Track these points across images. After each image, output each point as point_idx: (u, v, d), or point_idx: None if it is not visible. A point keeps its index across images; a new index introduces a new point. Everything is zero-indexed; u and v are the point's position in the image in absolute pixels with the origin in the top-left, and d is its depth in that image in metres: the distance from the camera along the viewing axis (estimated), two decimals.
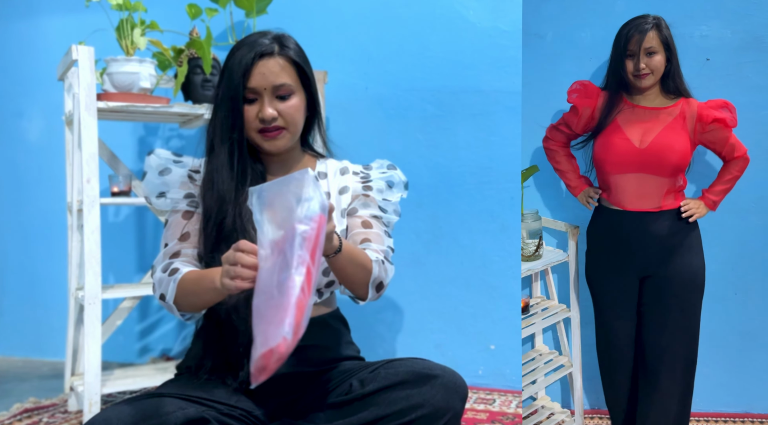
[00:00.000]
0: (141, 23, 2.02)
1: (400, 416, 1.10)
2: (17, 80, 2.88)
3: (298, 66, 1.26)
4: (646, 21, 1.78)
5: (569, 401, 2.19)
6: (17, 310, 2.92)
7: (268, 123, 1.22)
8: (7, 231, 2.94)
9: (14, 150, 2.91)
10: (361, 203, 1.34)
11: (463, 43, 2.34)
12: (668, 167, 1.75)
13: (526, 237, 2.01)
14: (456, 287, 2.36)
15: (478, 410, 2.11)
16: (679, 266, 1.79)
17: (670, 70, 1.80)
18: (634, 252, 1.81)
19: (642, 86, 1.80)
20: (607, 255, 1.88)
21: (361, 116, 2.44)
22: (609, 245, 1.87)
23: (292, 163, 1.34)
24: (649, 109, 1.81)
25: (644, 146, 1.75)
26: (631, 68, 1.78)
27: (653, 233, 1.79)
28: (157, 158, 1.29)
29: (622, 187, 1.80)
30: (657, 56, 1.77)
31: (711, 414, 2.16)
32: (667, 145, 1.74)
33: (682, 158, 1.75)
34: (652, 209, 1.79)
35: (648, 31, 1.76)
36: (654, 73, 1.78)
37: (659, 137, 1.76)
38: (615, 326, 1.89)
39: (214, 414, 1.11)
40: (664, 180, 1.76)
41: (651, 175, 1.76)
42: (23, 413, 2.11)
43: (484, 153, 2.32)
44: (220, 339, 1.22)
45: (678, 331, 1.80)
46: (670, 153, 1.74)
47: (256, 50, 1.21)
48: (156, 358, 2.68)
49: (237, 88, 1.20)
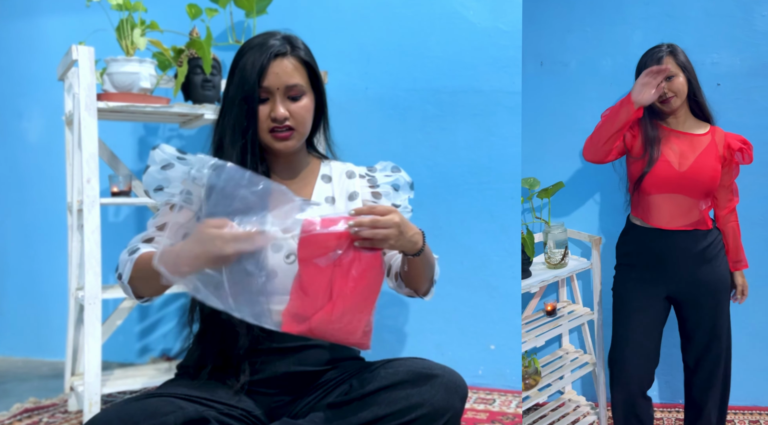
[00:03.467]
0: (141, 23, 2.02)
1: (400, 416, 1.10)
2: (17, 80, 2.88)
3: (308, 66, 1.26)
4: (660, 49, 1.88)
5: (593, 395, 2.32)
6: (17, 310, 2.92)
7: (280, 122, 1.22)
8: (7, 231, 2.94)
9: (14, 150, 2.91)
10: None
11: (463, 43, 2.34)
12: (703, 189, 1.86)
13: (553, 247, 2.14)
14: (456, 287, 2.36)
15: (478, 410, 2.11)
16: (708, 274, 1.89)
17: (693, 92, 1.88)
18: (666, 268, 1.89)
19: (669, 110, 1.88)
20: (638, 271, 1.95)
21: (361, 116, 2.44)
22: (641, 261, 1.94)
23: (296, 163, 1.34)
24: (683, 134, 1.90)
25: (683, 169, 1.85)
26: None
27: (684, 250, 1.88)
28: (161, 153, 1.29)
29: (659, 206, 1.89)
30: (677, 79, 1.85)
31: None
32: (704, 169, 1.85)
33: (714, 182, 1.87)
34: (685, 227, 1.88)
35: (664, 57, 1.85)
36: (678, 94, 1.86)
37: (697, 161, 1.86)
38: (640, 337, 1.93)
39: (214, 414, 1.11)
40: (698, 201, 1.87)
41: (686, 196, 1.87)
42: (23, 413, 2.11)
43: (484, 153, 2.33)
44: (221, 339, 1.22)
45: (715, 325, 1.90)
46: (706, 176, 1.85)
47: (270, 50, 1.22)
48: (156, 358, 2.68)
49: (252, 87, 1.20)
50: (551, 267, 2.14)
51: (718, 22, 2.19)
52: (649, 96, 1.76)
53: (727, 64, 2.19)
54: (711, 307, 1.90)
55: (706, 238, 1.89)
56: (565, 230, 2.16)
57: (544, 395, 2.06)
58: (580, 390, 2.40)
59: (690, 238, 1.88)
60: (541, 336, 2.05)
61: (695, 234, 1.88)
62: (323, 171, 1.37)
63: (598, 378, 2.22)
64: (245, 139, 1.22)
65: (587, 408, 2.28)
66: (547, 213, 2.24)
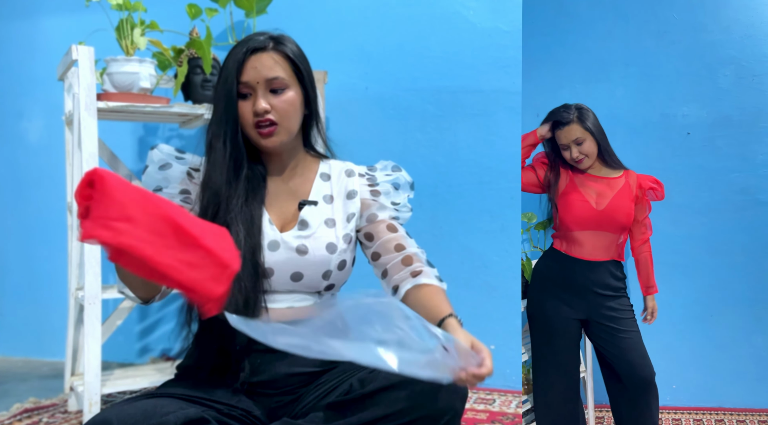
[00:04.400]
0: (141, 23, 2.02)
1: (400, 416, 1.10)
2: (17, 80, 2.88)
3: (292, 61, 1.26)
4: (569, 112, 2.00)
5: (583, 397, 2.34)
6: (17, 310, 2.92)
7: (261, 116, 1.22)
8: (7, 231, 2.94)
9: (14, 150, 2.91)
10: (378, 206, 1.33)
11: (463, 43, 2.34)
12: (619, 226, 2.03)
13: None
14: (456, 287, 2.33)
15: (478, 410, 2.11)
16: (617, 303, 2.03)
17: (603, 149, 2.02)
18: (583, 295, 2.02)
19: (583, 168, 2.04)
20: (554, 295, 2.06)
21: (361, 116, 2.44)
22: (558, 286, 2.05)
23: (293, 162, 1.33)
24: (600, 178, 2.06)
25: (601, 208, 2.01)
26: (569, 157, 2.01)
27: (602, 280, 2.03)
28: (159, 153, 1.29)
29: (581, 241, 2.04)
30: (586, 142, 1.99)
31: (692, 407, 2.45)
32: (620, 208, 2.01)
33: (629, 219, 2.04)
34: (603, 259, 2.03)
35: (571, 123, 1.98)
36: (589, 155, 2.01)
37: (613, 201, 2.01)
38: (561, 358, 2.05)
39: (214, 414, 1.11)
40: (615, 236, 2.04)
41: (605, 232, 2.02)
42: (23, 413, 2.11)
43: (484, 153, 2.33)
44: (219, 337, 1.22)
45: (627, 345, 1.99)
46: (622, 215, 2.01)
47: (248, 46, 1.22)
48: (156, 358, 2.68)
49: (231, 83, 1.21)
50: None
51: (688, 80, 2.45)
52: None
53: (695, 115, 2.46)
54: (620, 332, 1.99)
55: (618, 271, 2.05)
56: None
57: None
58: None
59: (605, 269, 2.03)
60: None
61: (610, 265, 2.03)
62: (322, 169, 1.36)
63: (587, 382, 2.32)
64: (228, 136, 1.22)
65: None
66: (543, 242, 2.36)
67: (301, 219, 1.25)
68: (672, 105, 2.46)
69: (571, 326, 2.04)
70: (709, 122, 2.45)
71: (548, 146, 2.09)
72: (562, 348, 2.03)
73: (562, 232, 2.08)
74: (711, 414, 2.37)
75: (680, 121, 2.46)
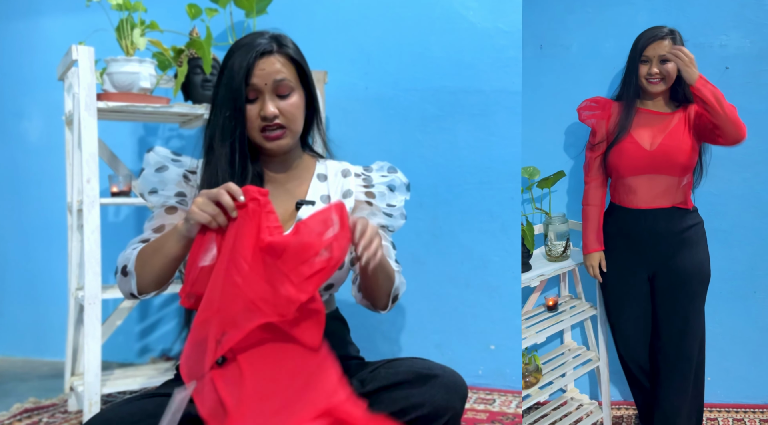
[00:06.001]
0: (141, 23, 2.02)
1: (400, 416, 1.10)
2: (17, 80, 2.88)
3: (296, 63, 1.26)
4: (661, 30, 1.86)
5: (597, 393, 2.28)
6: (17, 310, 2.92)
7: (270, 120, 1.22)
8: (7, 231, 2.94)
9: (14, 150, 2.91)
10: (367, 213, 1.33)
11: (463, 43, 2.34)
12: (677, 167, 1.85)
13: (554, 239, 2.09)
14: (456, 287, 2.36)
15: (478, 410, 2.11)
16: (687, 259, 1.87)
17: (681, 79, 1.84)
18: (645, 249, 1.89)
19: (653, 91, 1.88)
20: (619, 253, 1.95)
21: (361, 116, 2.44)
22: (622, 243, 1.94)
23: (291, 162, 1.34)
24: (656, 114, 1.91)
25: (653, 148, 1.85)
26: (644, 72, 1.86)
27: (664, 229, 1.88)
28: (155, 155, 1.29)
29: (635, 187, 1.89)
30: (670, 64, 1.83)
31: (732, 405, 2.23)
32: (675, 147, 1.84)
33: (688, 158, 1.85)
34: (664, 206, 1.88)
35: (663, 39, 1.84)
36: (666, 79, 1.86)
37: (666, 139, 1.85)
38: (628, 324, 1.97)
39: None
40: (674, 179, 1.86)
41: (661, 175, 1.86)
42: (23, 413, 2.11)
43: (484, 153, 2.32)
44: None
45: (688, 319, 1.88)
46: (678, 153, 1.84)
47: (256, 49, 1.22)
48: (156, 358, 2.68)
49: (239, 87, 1.20)
50: (552, 260, 2.10)
51: (727, 2, 2.08)
52: None
53: (735, 46, 2.08)
54: (684, 299, 1.87)
55: (685, 220, 1.87)
56: (567, 221, 2.11)
57: (545, 393, 2.03)
58: (584, 388, 2.36)
59: (669, 217, 1.87)
60: (541, 332, 2.00)
61: (674, 213, 1.87)
62: (319, 170, 1.37)
63: (602, 375, 2.18)
64: (234, 139, 1.22)
65: (591, 407, 2.23)
66: (547, 203, 2.20)
67: (299, 219, 1.26)
68: (707, 33, 2.08)
69: (639, 282, 1.92)
70: (754, 54, 2.05)
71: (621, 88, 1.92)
72: (623, 314, 1.92)
73: (614, 181, 1.95)
74: (755, 413, 2.06)
75: (717, 52, 2.09)
